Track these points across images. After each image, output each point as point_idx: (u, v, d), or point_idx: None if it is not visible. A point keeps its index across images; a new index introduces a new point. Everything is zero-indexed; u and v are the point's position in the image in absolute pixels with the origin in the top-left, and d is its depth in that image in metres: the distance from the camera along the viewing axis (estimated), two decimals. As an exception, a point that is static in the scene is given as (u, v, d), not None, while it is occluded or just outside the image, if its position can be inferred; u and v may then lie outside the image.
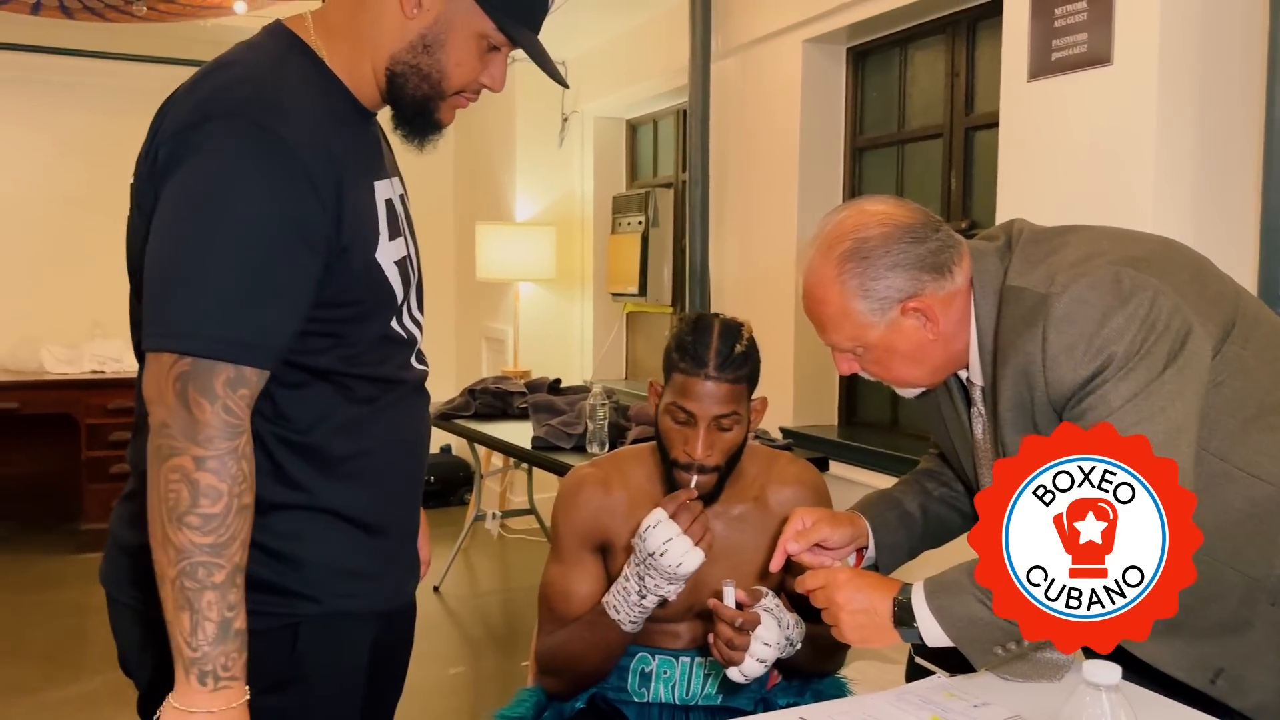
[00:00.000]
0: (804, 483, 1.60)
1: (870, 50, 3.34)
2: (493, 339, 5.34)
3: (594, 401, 3.11)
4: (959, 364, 1.32)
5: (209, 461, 0.97)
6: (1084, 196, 2.13)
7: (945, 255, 1.25)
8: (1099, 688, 0.85)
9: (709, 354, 1.44)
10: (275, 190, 1.02)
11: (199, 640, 0.98)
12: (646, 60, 4.30)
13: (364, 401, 1.16)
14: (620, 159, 5.03)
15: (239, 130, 1.02)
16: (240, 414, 1.00)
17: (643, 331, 4.91)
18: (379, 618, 1.23)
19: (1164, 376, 1.13)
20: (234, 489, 0.99)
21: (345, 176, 1.09)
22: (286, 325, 1.05)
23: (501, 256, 4.71)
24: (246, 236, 1.01)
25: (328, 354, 1.12)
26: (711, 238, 3.73)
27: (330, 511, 1.14)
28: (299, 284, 1.05)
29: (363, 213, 1.12)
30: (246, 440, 1.01)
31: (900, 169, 3.26)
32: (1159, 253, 1.24)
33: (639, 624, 1.48)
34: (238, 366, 1.00)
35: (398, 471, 1.22)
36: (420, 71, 1.13)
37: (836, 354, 1.33)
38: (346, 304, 1.11)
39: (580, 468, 1.64)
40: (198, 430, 0.98)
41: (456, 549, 4.31)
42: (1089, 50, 2.10)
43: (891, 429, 3.28)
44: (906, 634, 1.22)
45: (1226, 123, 2.02)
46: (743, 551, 1.51)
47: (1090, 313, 1.15)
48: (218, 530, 0.98)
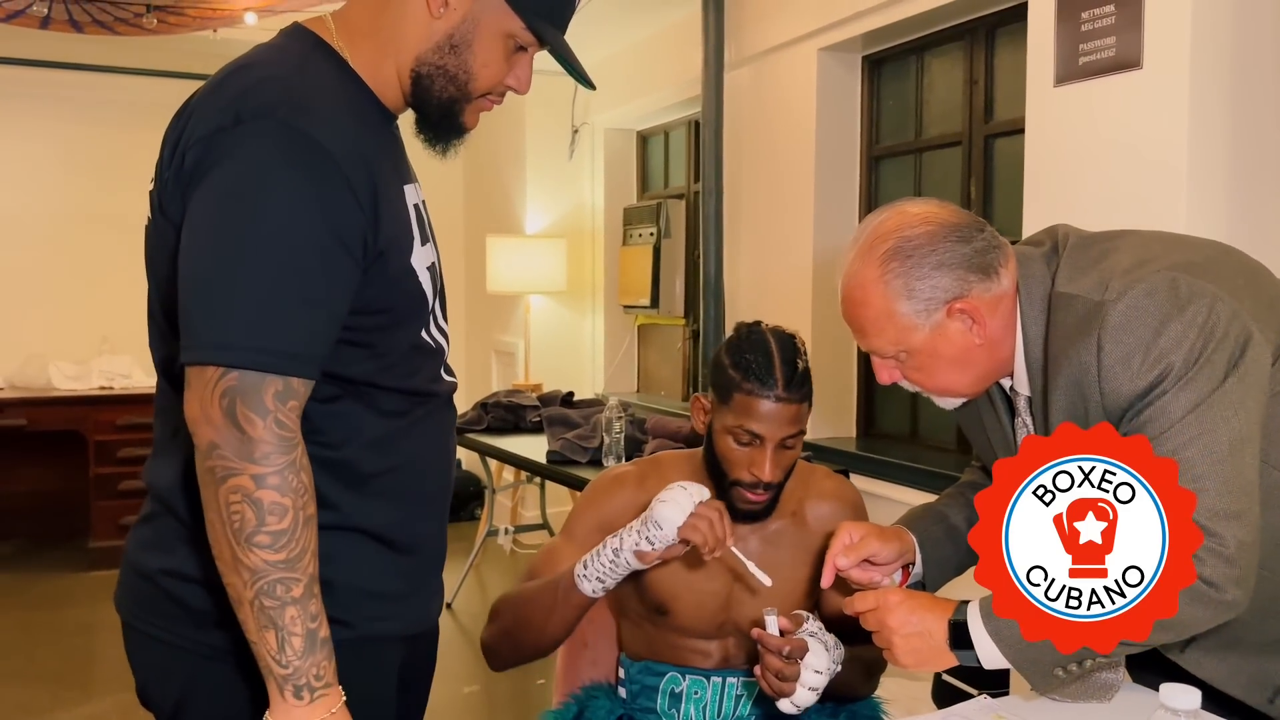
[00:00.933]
0: (842, 498, 1.56)
1: (886, 58, 3.31)
2: (503, 352, 5.31)
3: (610, 414, 3.07)
4: (1003, 371, 1.28)
5: (269, 478, 0.95)
6: (1115, 204, 2.09)
7: (991, 256, 1.21)
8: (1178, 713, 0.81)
9: (775, 374, 1.39)
10: (311, 193, 0.98)
11: (288, 656, 0.96)
12: (658, 71, 4.28)
13: (395, 415, 1.12)
14: (631, 170, 5.01)
15: (271, 131, 0.98)
16: (293, 426, 0.97)
17: (655, 344, 4.88)
18: (405, 641, 1.19)
19: (1225, 386, 1.09)
20: (298, 501, 0.97)
21: (379, 179, 1.06)
22: (329, 333, 1.02)
23: (512, 269, 4.68)
24: (285, 242, 0.97)
25: (361, 364, 1.08)
26: (726, 249, 3.70)
27: (360, 530, 1.11)
28: (339, 290, 1.02)
29: (397, 216, 1.09)
30: (302, 451, 0.98)
31: (918, 178, 3.22)
32: (1213, 258, 1.20)
33: (597, 586, 1.36)
34: (285, 378, 0.97)
35: (428, 488, 1.18)
36: (447, 73, 1.10)
37: (877, 363, 1.28)
38: (379, 311, 1.08)
39: (619, 465, 1.60)
40: (253, 448, 0.95)
41: (469, 565, 4.27)
42: (1117, 54, 2.07)
43: (911, 440, 3.24)
44: (963, 657, 1.17)
45: (1261, 126, 1.98)
46: (780, 568, 1.46)
47: (1148, 320, 1.11)
48: (289, 545, 0.96)
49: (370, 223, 1.04)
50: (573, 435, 3.23)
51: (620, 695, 1.58)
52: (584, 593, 1.37)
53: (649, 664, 1.55)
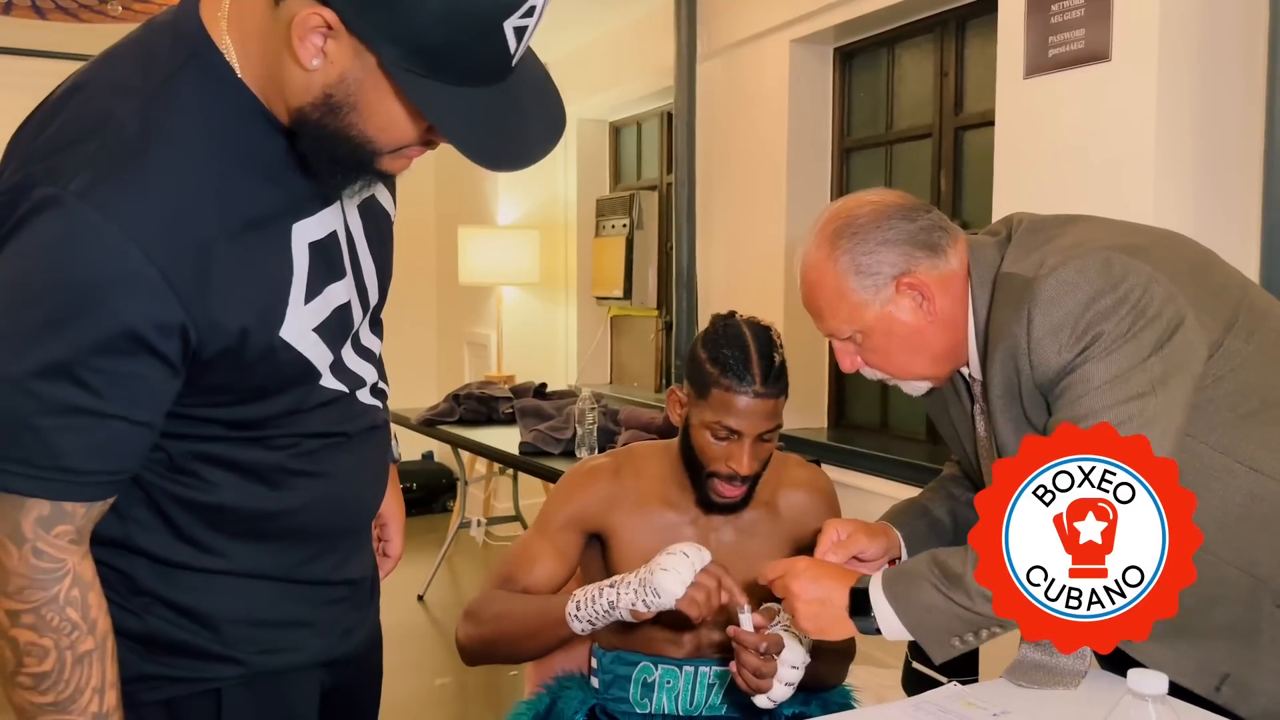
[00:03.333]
0: (815, 487, 1.56)
1: (857, 50, 3.32)
2: (475, 344, 5.28)
3: (583, 406, 3.07)
4: (960, 356, 1.29)
5: (23, 616, 0.83)
6: (1083, 195, 2.11)
7: (937, 235, 1.24)
8: (1145, 698, 0.81)
9: (752, 370, 1.38)
10: (106, 288, 0.81)
11: None
12: (630, 62, 4.26)
13: (283, 449, 0.97)
14: (604, 161, 4.99)
15: (68, 206, 0.80)
16: (59, 555, 0.83)
17: (628, 335, 4.87)
18: (325, 666, 1.08)
19: (1148, 363, 1.10)
20: (62, 641, 0.84)
21: (232, 245, 0.87)
22: (127, 445, 0.86)
23: (484, 260, 4.66)
24: (65, 342, 0.80)
25: (219, 436, 0.94)
26: (698, 240, 3.70)
27: (253, 575, 0.98)
28: (141, 398, 0.85)
29: (262, 285, 0.90)
30: (72, 582, 0.84)
31: (889, 170, 3.24)
32: (1159, 243, 1.22)
33: (586, 628, 1.37)
34: (54, 502, 0.83)
35: (333, 528, 1.04)
36: (334, 133, 0.86)
37: (838, 348, 1.31)
38: (239, 389, 0.92)
39: (594, 456, 1.60)
40: (6, 580, 0.82)
41: (440, 557, 4.25)
42: (1087, 46, 2.08)
43: (881, 431, 3.26)
44: (862, 624, 1.20)
45: (1227, 119, 2.01)
46: (753, 558, 1.46)
47: (1078, 295, 1.12)
48: (56, 688, 0.84)
49: (201, 318, 0.86)
50: (545, 427, 3.22)
51: (593, 685, 1.58)
52: (574, 631, 1.37)
53: (621, 654, 1.54)
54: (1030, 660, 1.30)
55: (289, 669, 1.02)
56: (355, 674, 1.15)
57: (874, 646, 2.85)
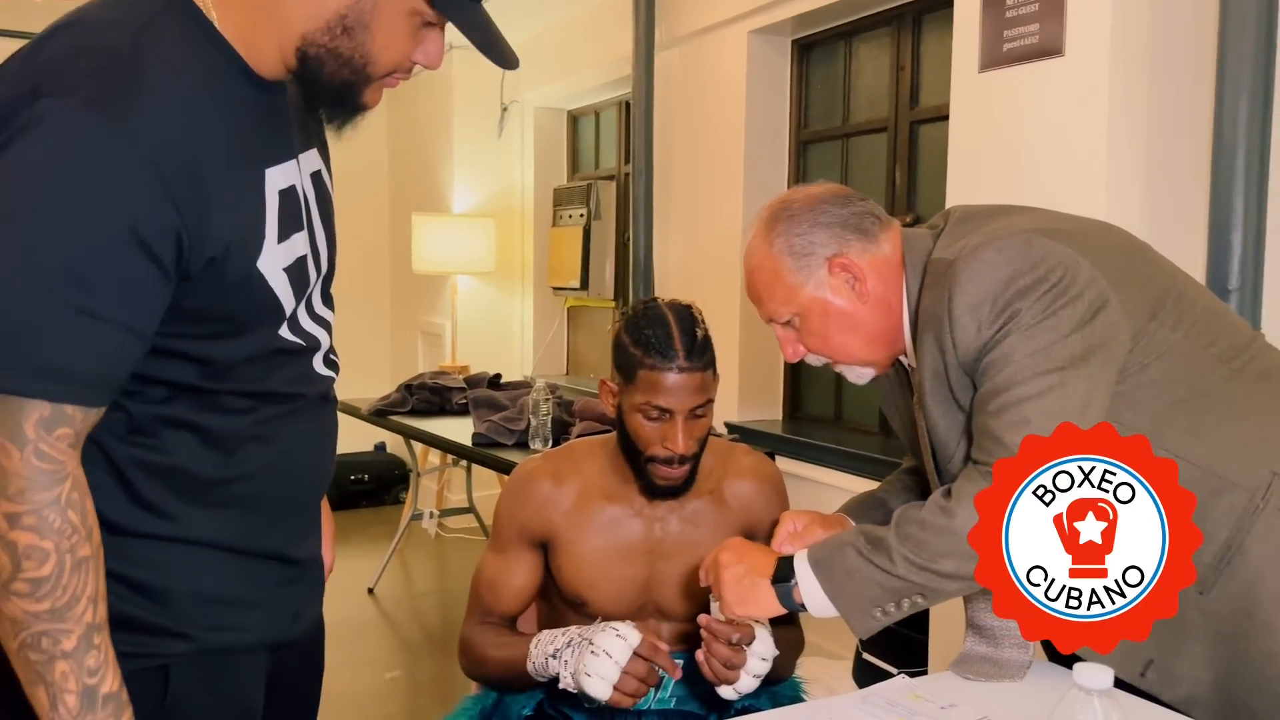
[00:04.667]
0: (761, 475, 1.55)
1: (815, 43, 3.32)
2: (429, 333, 5.22)
3: (537, 397, 3.04)
4: (897, 342, 1.31)
5: (24, 518, 0.83)
6: (1035, 188, 2.12)
7: (869, 221, 1.29)
8: (1090, 692, 0.81)
9: (675, 345, 1.38)
10: (111, 190, 0.84)
11: (61, 714, 0.85)
12: (588, 50, 4.23)
13: (242, 415, 0.99)
14: (561, 150, 4.95)
15: (72, 114, 0.84)
16: (59, 458, 0.84)
17: (584, 326, 4.85)
18: (272, 650, 1.08)
19: (1069, 339, 1.12)
20: (63, 544, 0.84)
21: (218, 170, 0.91)
22: (121, 353, 0.87)
23: (439, 248, 4.60)
24: (71, 244, 0.83)
25: (190, 374, 0.95)
26: (656, 231, 3.68)
27: (203, 543, 0.98)
28: (139, 303, 0.87)
29: (243, 213, 0.95)
30: (72, 485, 0.85)
31: (845, 163, 3.24)
32: (1085, 230, 1.24)
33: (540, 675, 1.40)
34: (55, 404, 0.84)
35: (288, 496, 1.05)
36: (339, 56, 0.95)
37: (780, 336, 1.34)
38: (214, 319, 0.95)
39: (531, 459, 1.57)
40: (5, 483, 0.82)
41: (392, 549, 4.20)
42: (1040, 41, 2.09)
43: (836, 423, 3.27)
44: (782, 590, 1.20)
45: (1178, 115, 2.03)
46: (699, 547, 1.45)
47: (996, 274, 1.15)
48: (53, 594, 0.84)
49: (193, 224, 0.89)
50: (499, 417, 3.19)
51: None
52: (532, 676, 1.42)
53: (570, 648, 1.53)
54: (976, 653, 1.31)
55: (237, 648, 1.02)
56: (298, 664, 1.15)
57: (824, 638, 2.86)
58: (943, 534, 1.11)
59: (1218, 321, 1.25)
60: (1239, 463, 1.17)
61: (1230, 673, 1.18)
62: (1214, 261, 1.88)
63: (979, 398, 1.17)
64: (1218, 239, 1.88)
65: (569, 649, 1.35)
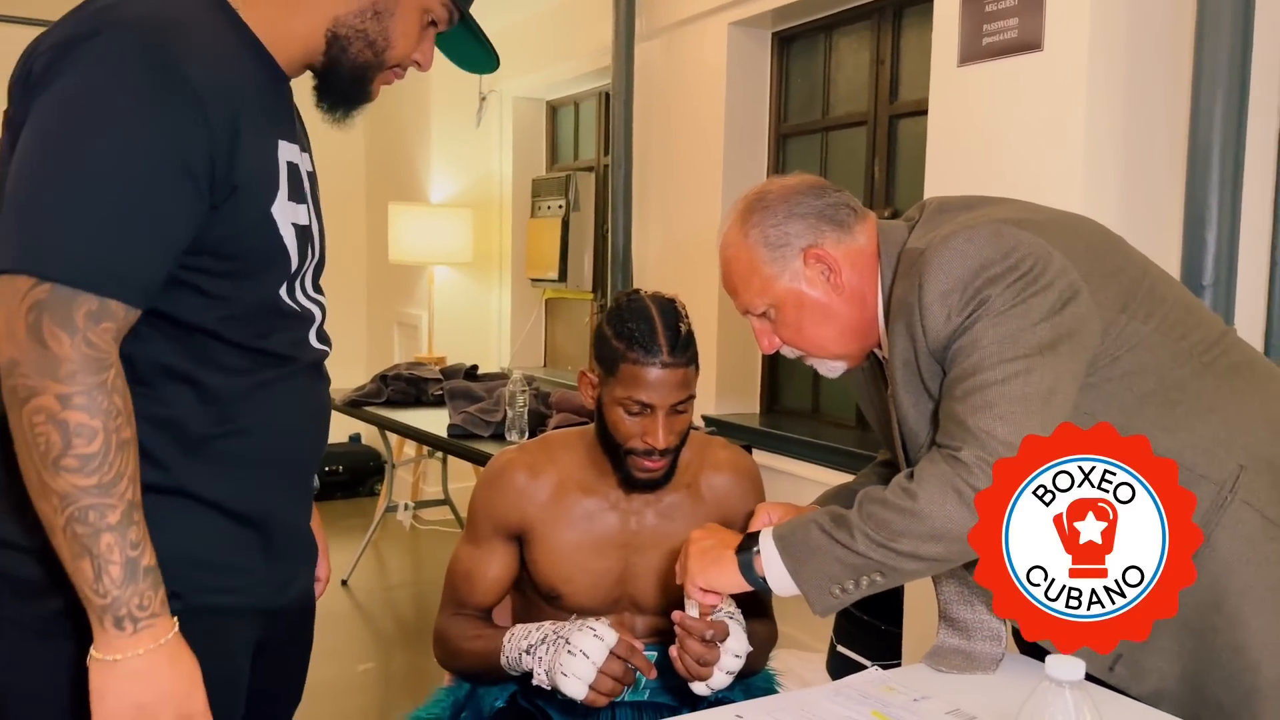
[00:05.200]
0: (738, 469, 1.55)
1: (795, 36, 3.31)
2: (406, 324, 5.18)
3: (514, 388, 3.02)
4: (871, 334, 1.31)
5: (75, 398, 0.89)
6: (1013, 182, 2.13)
7: (844, 212, 1.29)
8: (1062, 684, 0.81)
9: (658, 341, 1.37)
10: (161, 112, 0.93)
11: (106, 585, 0.91)
12: (568, 40, 4.21)
13: (239, 374, 1.05)
14: (540, 141, 4.92)
15: (129, 45, 0.93)
16: (104, 348, 0.91)
17: (562, 318, 4.83)
18: (263, 615, 1.12)
19: (1037, 328, 1.12)
20: (110, 424, 0.90)
21: (245, 117, 1.00)
22: (160, 259, 0.95)
23: (416, 238, 4.56)
24: (122, 157, 0.92)
25: (200, 312, 1.01)
26: (635, 223, 3.67)
27: (190, 495, 1.03)
28: (178, 216, 0.95)
29: (261, 160, 1.03)
30: (116, 373, 0.92)
31: (824, 156, 3.24)
32: (1057, 221, 1.24)
33: (513, 669, 1.40)
34: (102, 298, 0.91)
35: (276, 460, 1.10)
36: (367, 37, 1.08)
37: (755, 328, 1.34)
38: (227, 257, 1.01)
39: (507, 451, 1.56)
40: (57, 366, 0.89)
41: (366, 541, 4.17)
42: (1020, 36, 2.09)
43: (813, 417, 3.27)
44: (744, 563, 1.21)
45: (1154, 110, 2.04)
46: (674, 541, 1.44)
47: (967, 262, 1.15)
48: (100, 470, 0.90)
49: (224, 154, 0.98)
50: (475, 409, 3.17)
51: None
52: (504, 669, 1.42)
53: (542, 640, 1.52)
54: (949, 646, 1.31)
55: (225, 610, 1.05)
56: (287, 634, 1.19)
57: (799, 630, 2.87)
58: (903, 514, 1.11)
59: (1189, 315, 1.26)
60: (1207, 456, 1.18)
61: (1198, 666, 1.18)
62: (1189, 257, 1.89)
63: (946, 383, 1.17)
64: (1193, 235, 1.88)
65: (544, 646, 1.34)
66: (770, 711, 1.17)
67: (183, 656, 0.96)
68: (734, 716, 1.16)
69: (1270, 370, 1.31)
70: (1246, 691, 1.15)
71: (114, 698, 0.92)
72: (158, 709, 0.93)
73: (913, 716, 1.16)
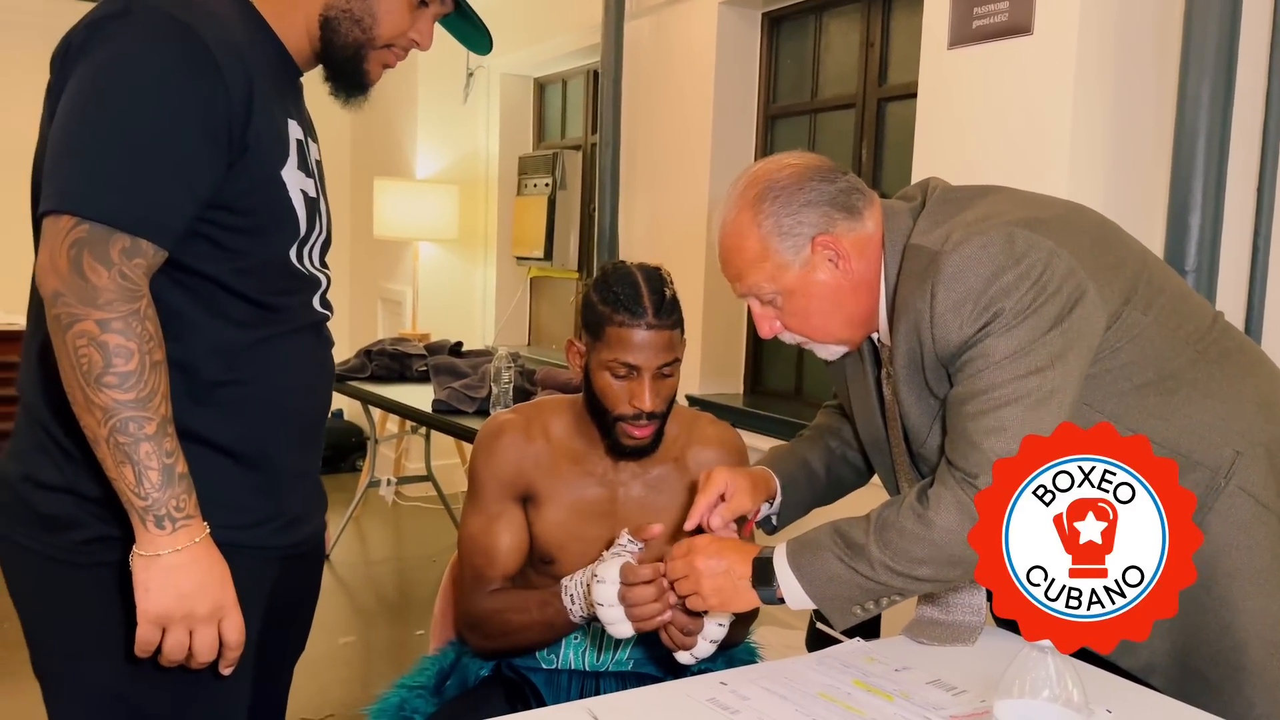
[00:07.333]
0: (725, 444, 1.56)
1: (785, 17, 3.31)
2: (390, 300, 5.16)
3: (499, 364, 3.02)
4: (872, 320, 1.31)
5: (113, 323, 0.99)
6: (1001, 165, 2.14)
7: (855, 197, 1.27)
8: (1044, 651, 0.82)
9: (643, 303, 1.38)
10: (185, 78, 1.04)
11: (146, 489, 1.01)
12: (558, 17, 4.18)
13: (246, 326, 1.13)
14: (527, 119, 4.90)
15: (158, 20, 1.04)
16: (137, 280, 1.01)
17: (547, 296, 4.82)
18: (272, 559, 1.20)
19: (1048, 337, 1.13)
20: (144, 346, 1.00)
21: (257, 87, 1.10)
22: (184, 209, 1.05)
23: (401, 214, 4.54)
24: (153, 114, 1.03)
25: (213, 264, 1.10)
26: (621, 203, 3.66)
27: (196, 438, 1.10)
28: (199, 169, 1.05)
29: (271, 126, 1.13)
30: (148, 303, 1.02)
31: (812, 138, 3.24)
32: (1062, 216, 1.24)
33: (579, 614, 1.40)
34: (134, 237, 1.01)
35: (281, 407, 1.18)
36: (353, 15, 1.18)
37: (757, 313, 1.32)
38: (243, 212, 1.10)
39: (500, 413, 1.56)
40: (96, 295, 0.99)
41: (348, 516, 4.17)
42: (1010, 19, 2.10)
43: (796, 397, 3.29)
44: (764, 594, 1.23)
45: (1142, 96, 2.05)
46: (662, 513, 1.46)
47: (980, 270, 1.15)
48: (137, 386, 1.00)
49: (240, 118, 1.08)
50: (460, 384, 3.16)
51: (498, 641, 1.56)
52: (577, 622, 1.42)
53: (527, 609, 1.52)
54: (928, 617, 1.33)
55: (234, 545, 1.10)
56: (299, 578, 1.28)
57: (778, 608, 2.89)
58: (921, 542, 1.15)
59: (1184, 304, 1.27)
60: (1203, 442, 1.20)
61: (1187, 643, 1.21)
62: (1172, 242, 1.91)
63: (957, 395, 1.18)
64: (1177, 221, 1.90)
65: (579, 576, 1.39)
66: (754, 679, 1.19)
67: (214, 554, 1.06)
68: (719, 684, 1.18)
69: (1258, 354, 1.33)
70: (1232, 669, 1.19)
71: (157, 588, 1.02)
72: (195, 598, 1.03)
73: (894, 686, 1.17)
